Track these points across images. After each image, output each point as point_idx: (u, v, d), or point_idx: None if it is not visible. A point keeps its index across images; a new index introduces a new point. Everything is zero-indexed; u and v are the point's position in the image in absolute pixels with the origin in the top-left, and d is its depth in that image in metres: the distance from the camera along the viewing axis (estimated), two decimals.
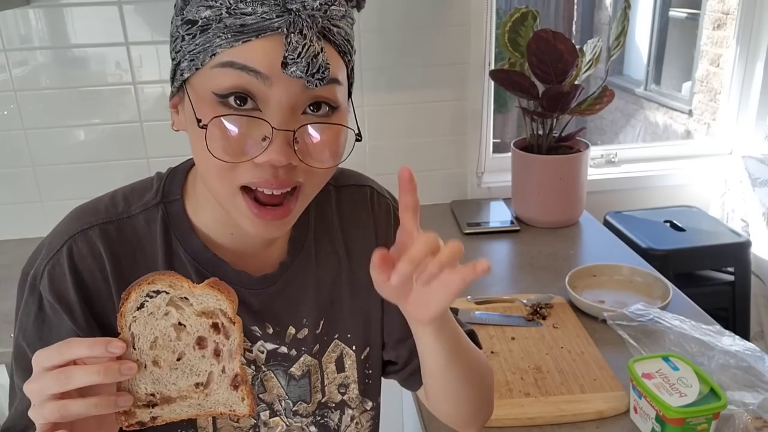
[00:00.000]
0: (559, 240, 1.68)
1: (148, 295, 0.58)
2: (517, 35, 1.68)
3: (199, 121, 0.59)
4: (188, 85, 0.62)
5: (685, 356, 1.02)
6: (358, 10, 0.66)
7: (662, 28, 4.50)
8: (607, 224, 1.85)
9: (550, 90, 1.59)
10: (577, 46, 1.59)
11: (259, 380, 0.76)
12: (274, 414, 0.77)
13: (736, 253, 1.73)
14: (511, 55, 1.71)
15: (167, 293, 0.58)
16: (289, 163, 0.59)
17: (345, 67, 0.63)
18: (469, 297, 1.38)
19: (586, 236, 1.72)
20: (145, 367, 0.58)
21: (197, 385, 0.60)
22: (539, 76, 1.60)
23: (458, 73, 1.80)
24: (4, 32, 1.60)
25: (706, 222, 1.84)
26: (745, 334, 1.77)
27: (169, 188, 0.73)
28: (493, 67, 1.82)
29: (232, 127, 0.59)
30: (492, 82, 1.81)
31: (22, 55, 1.63)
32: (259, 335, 0.75)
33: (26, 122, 1.68)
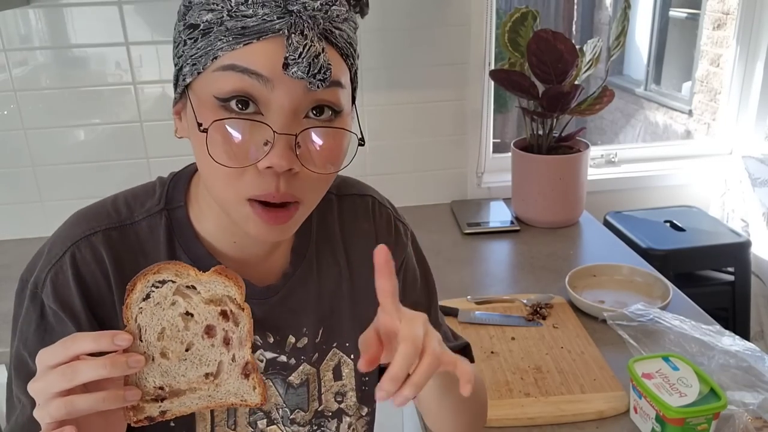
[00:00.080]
0: (559, 240, 1.68)
1: (153, 286, 0.56)
2: (517, 35, 1.68)
3: (199, 125, 0.59)
4: (190, 90, 0.61)
5: (685, 356, 1.02)
6: (362, 16, 0.65)
7: (662, 28, 4.50)
8: (607, 224, 1.85)
9: (550, 90, 1.59)
10: (577, 46, 1.59)
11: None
12: (271, 422, 0.77)
13: (736, 253, 1.73)
14: (511, 55, 1.71)
15: (173, 282, 0.57)
16: (290, 169, 0.58)
17: (348, 70, 0.63)
18: (469, 297, 1.38)
19: (586, 236, 1.72)
20: (153, 359, 0.57)
21: (207, 375, 0.58)
22: (539, 76, 1.60)
23: (458, 73, 1.80)
24: (4, 32, 1.60)
25: (706, 222, 1.84)
26: (745, 334, 1.77)
27: (173, 194, 0.72)
28: (493, 67, 1.82)
29: (233, 132, 0.58)
30: (492, 82, 1.81)
31: (22, 55, 1.63)
32: (259, 344, 0.74)
33: (26, 122, 1.68)
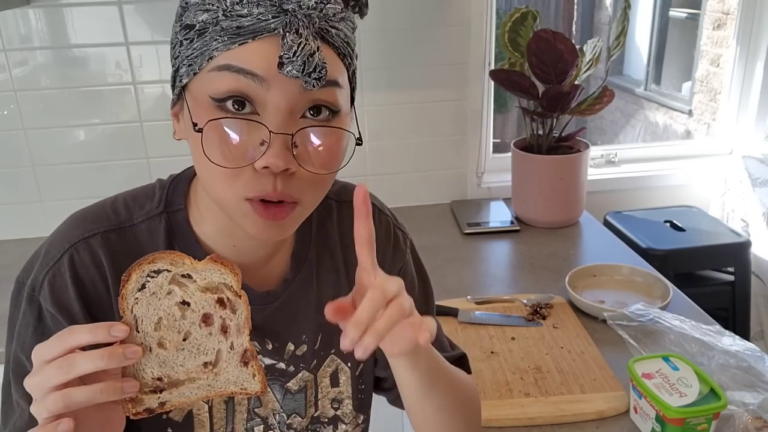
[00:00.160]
0: (559, 240, 1.68)
1: (149, 276, 0.56)
2: (517, 35, 1.68)
3: (194, 125, 0.58)
4: (187, 91, 0.61)
5: (685, 356, 1.02)
6: (361, 17, 0.64)
7: (662, 28, 4.50)
8: (607, 224, 1.85)
9: (550, 90, 1.59)
10: (577, 46, 1.59)
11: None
12: (268, 428, 0.76)
13: (736, 253, 1.73)
14: (511, 55, 1.71)
15: (169, 271, 0.56)
16: (287, 169, 0.58)
17: (345, 70, 0.62)
18: (469, 297, 1.38)
19: (586, 236, 1.72)
20: (150, 350, 0.56)
21: (206, 364, 0.58)
22: (539, 76, 1.60)
23: (458, 73, 1.80)
24: (4, 32, 1.60)
25: (706, 222, 1.84)
26: (745, 334, 1.77)
27: (172, 197, 0.71)
28: (493, 67, 1.82)
29: (229, 132, 0.57)
30: (492, 82, 1.81)
31: (22, 55, 1.63)
32: (258, 350, 0.74)
33: (26, 122, 1.68)
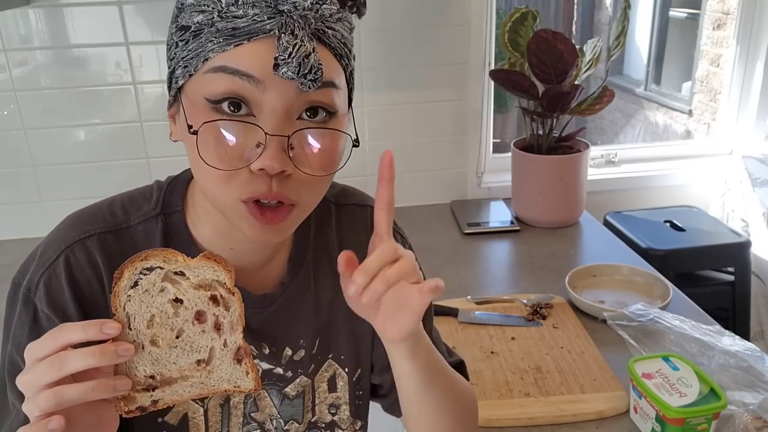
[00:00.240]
0: (559, 240, 1.68)
1: (141, 273, 0.56)
2: (517, 35, 1.68)
3: (189, 127, 0.58)
4: (182, 92, 0.60)
5: (685, 356, 1.02)
6: (359, 17, 0.64)
7: (662, 28, 4.50)
8: (607, 224, 1.85)
9: (550, 90, 1.59)
10: (577, 46, 1.59)
11: (252, 399, 0.74)
12: None
13: (736, 253, 1.73)
14: (511, 55, 1.71)
15: (161, 269, 0.56)
16: (283, 171, 0.57)
17: (342, 71, 0.61)
18: (469, 297, 1.38)
19: (586, 236, 1.72)
20: (143, 347, 0.56)
21: (199, 362, 0.58)
22: (539, 76, 1.60)
23: (458, 73, 1.80)
24: (4, 32, 1.60)
25: (706, 222, 1.84)
26: (745, 334, 1.77)
27: (170, 199, 0.71)
28: (493, 67, 1.82)
29: (224, 133, 0.57)
30: (492, 82, 1.81)
31: (22, 55, 1.63)
32: (255, 354, 0.73)
33: (26, 122, 1.68)
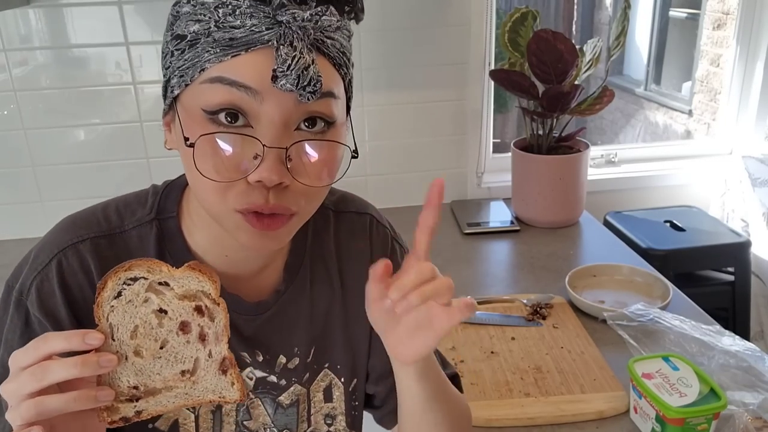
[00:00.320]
0: (559, 240, 1.68)
1: (125, 283, 0.55)
2: (517, 35, 1.68)
3: (186, 140, 0.57)
4: (178, 102, 0.60)
5: (685, 356, 1.02)
6: (357, 23, 0.63)
7: (662, 28, 4.50)
8: (607, 224, 1.85)
9: (550, 90, 1.59)
10: (577, 46, 1.59)
11: (245, 407, 0.74)
12: None
13: (736, 253, 1.73)
14: (511, 55, 1.71)
15: (145, 279, 0.56)
16: (281, 182, 0.57)
17: (341, 80, 0.61)
18: (469, 297, 1.38)
19: (586, 236, 1.72)
20: (126, 358, 0.56)
21: (183, 373, 0.57)
22: (539, 76, 1.60)
23: (458, 73, 1.80)
24: (4, 32, 1.60)
25: (706, 222, 1.84)
26: (745, 334, 1.77)
27: (165, 204, 0.70)
28: (493, 67, 1.82)
29: (222, 145, 0.56)
30: (492, 82, 1.81)
31: (22, 55, 1.63)
32: (248, 362, 0.72)
33: (26, 122, 1.68)
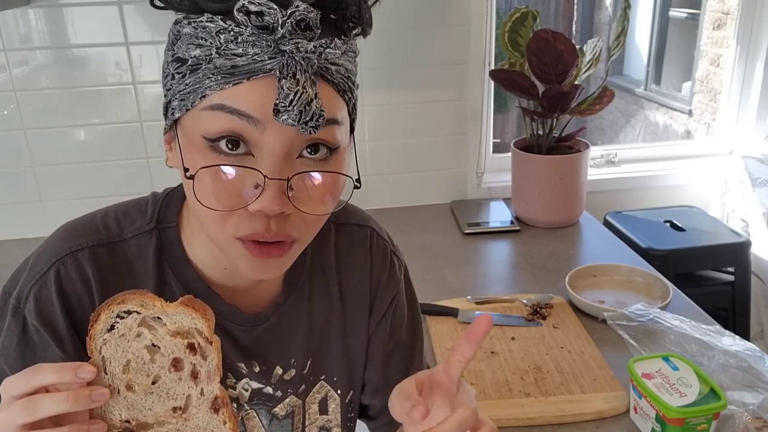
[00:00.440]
0: (559, 240, 1.68)
1: (118, 316, 0.55)
2: (517, 35, 1.68)
3: (186, 170, 0.56)
4: (179, 125, 0.59)
5: (685, 356, 1.02)
6: (364, 37, 0.62)
7: (662, 28, 4.50)
8: (607, 224, 1.85)
9: (550, 90, 1.59)
10: (577, 46, 1.59)
11: (240, 419, 0.73)
12: None
13: (736, 253, 1.73)
14: (511, 55, 1.71)
15: (138, 313, 0.55)
16: (282, 212, 0.56)
17: (345, 105, 0.60)
18: (469, 297, 1.38)
19: (586, 236, 1.72)
20: (119, 392, 0.55)
21: (175, 409, 0.57)
22: (539, 76, 1.60)
23: (458, 73, 1.80)
24: (4, 32, 1.60)
25: (706, 222, 1.84)
26: (745, 334, 1.77)
27: (165, 214, 0.70)
28: (493, 67, 1.82)
29: (222, 174, 0.56)
30: (492, 82, 1.81)
31: (22, 55, 1.63)
32: (245, 372, 0.72)
33: (26, 122, 1.68)
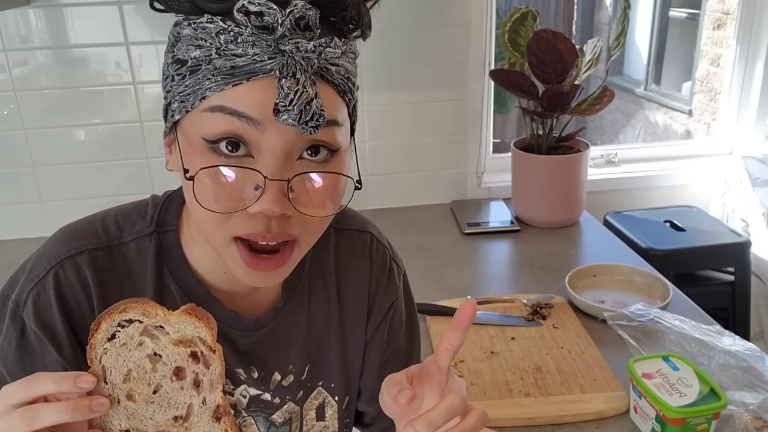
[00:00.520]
0: (559, 240, 1.68)
1: (119, 325, 0.54)
2: (517, 35, 1.68)
3: (186, 172, 0.56)
4: (179, 127, 0.59)
5: (685, 356, 1.02)
6: (363, 39, 0.62)
7: (662, 28, 4.50)
8: (607, 224, 1.85)
9: (550, 90, 1.59)
10: (577, 46, 1.59)
11: (237, 426, 0.74)
12: None
13: (736, 253, 1.73)
14: (511, 55, 1.71)
15: (140, 322, 0.54)
16: (283, 213, 0.56)
17: (345, 106, 0.60)
18: (469, 297, 1.38)
19: (586, 236, 1.72)
20: (119, 402, 0.55)
21: (176, 418, 0.56)
22: (539, 76, 1.60)
23: (458, 73, 1.80)
24: (4, 32, 1.60)
25: (706, 222, 1.84)
26: (745, 334, 1.77)
27: (164, 217, 0.69)
28: (493, 67, 1.82)
29: (222, 176, 0.56)
30: (492, 82, 1.81)
31: (22, 55, 1.63)
32: (243, 379, 0.72)
33: (26, 122, 1.68)
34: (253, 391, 0.73)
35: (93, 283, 0.65)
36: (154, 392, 0.56)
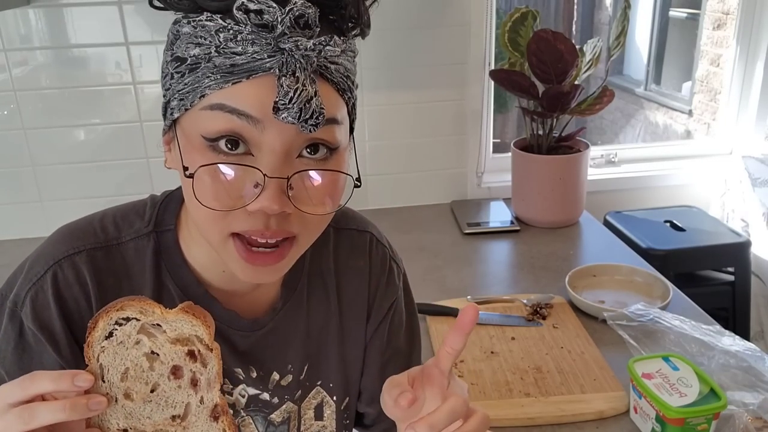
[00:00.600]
0: (559, 240, 1.68)
1: (117, 323, 0.54)
2: (517, 35, 1.68)
3: (185, 169, 0.56)
4: (178, 125, 0.59)
5: (685, 356, 1.02)
6: (363, 38, 0.62)
7: (662, 28, 4.50)
8: (607, 224, 1.85)
9: (550, 90, 1.59)
10: (577, 46, 1.59)
11: (235, 426, 0.74)
12: None
13: (736, 253, 1.73)
14: (511, 55, 1.71)
15: (138, 320, 0.54)
16: (282, 211, 0.56)
17: (345, 104, 0.60)
18: (469, 297, 1.38)
19: (586, 236, 1.72)
20: (116, 400, 0.54)
21: (174, 417, 0.56)
22: (539, 76, 1.60)
23: (458, 73, 1.80)
24: (4, 32, 1.60)
25: (706, 222, 1.84)
26: (745, 334, 1.77)
27: (163, 217, 0.69)
28: (493, 67, 1.82)
29: (222, 174, 0.56)
30: (492, 82, 1.81)
31: (22, 55, 1.63)
32: (242, 378, 0.72)
33: (26, 122, 1.68)
34: (252, 391, 0.73)
35: (91, 282, 0.65)
36: (152, 391, 0.55)
